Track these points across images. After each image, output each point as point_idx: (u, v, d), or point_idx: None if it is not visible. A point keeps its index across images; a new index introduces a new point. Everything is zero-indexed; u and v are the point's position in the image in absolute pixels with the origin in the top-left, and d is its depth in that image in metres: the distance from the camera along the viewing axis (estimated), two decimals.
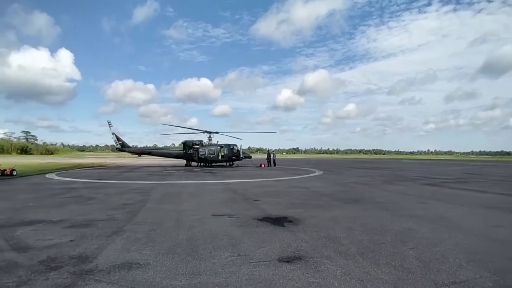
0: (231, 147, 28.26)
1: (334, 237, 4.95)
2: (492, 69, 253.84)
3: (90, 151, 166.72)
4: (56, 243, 4.58)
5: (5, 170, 16.74)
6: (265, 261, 3.84)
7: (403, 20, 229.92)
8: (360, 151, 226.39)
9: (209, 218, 6.40)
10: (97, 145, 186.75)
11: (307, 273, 3.44)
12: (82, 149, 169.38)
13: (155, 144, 33.25)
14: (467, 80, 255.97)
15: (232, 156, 28.26)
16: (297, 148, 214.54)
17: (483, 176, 19.67)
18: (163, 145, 37.87)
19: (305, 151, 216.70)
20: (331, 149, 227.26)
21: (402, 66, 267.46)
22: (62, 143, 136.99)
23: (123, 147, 29.44)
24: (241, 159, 29.25)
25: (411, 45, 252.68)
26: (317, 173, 21.35)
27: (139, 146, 31.32)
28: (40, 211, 7.08)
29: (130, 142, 30.25)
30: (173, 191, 11.00)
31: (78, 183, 13.45)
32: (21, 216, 6.49)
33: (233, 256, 4.02)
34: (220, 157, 28.01)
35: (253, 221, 6.12)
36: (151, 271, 3.49)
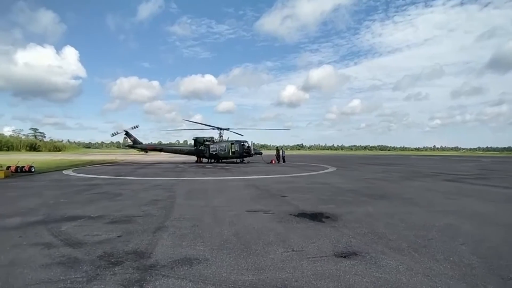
0: (242, 143, 28.29)
1: (379, 233, 4.93)
2: (499, 64, 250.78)
3: (96, 148, 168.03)
4: (105, 238, 4.63)
5: (24, 166, 16.96)
6: (322, 256, 3.84)
7: (409, 15, 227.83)
8: (365, 148, 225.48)
9: (245, 214, 6.42)
10: (102, 142, 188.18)
11: (370, 269, 3.44)
12: (88, 146, 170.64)
13: (160, 141, 33.55)
14: (474, 75, 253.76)
15: (243, 153, 28.30)
16: (302, 144, 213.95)
17: (500, 172, 19.47)
18: (168, 142, 38.23)
19: (310, 147, 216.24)
20: (335, 145, 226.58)
21: (408, 61, 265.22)
22: (68, 140, 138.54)
23: (135, 143, 29.61)
24: (251, 156, 29.31)
25: (417, 40, 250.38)
26: (331, 169, 21.28)
27: (144, 143, 31.25)
28: (75, 207, 7.15)
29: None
30: (196, 187, 11.04)
31: (99, 180, 13.56)
32: (59, 212, 6.56)
33: (288, 251, 4.03)
34: (231, 154, 28.02)
35: (290, 217, 6.13)
36: (213, 266, 3.51)
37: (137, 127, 29.83)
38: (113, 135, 29.71)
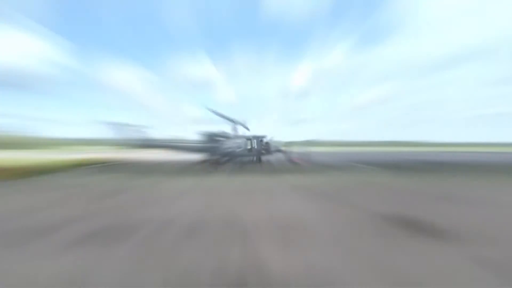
0: (260, 139, 25.24)
1: None
2: None
3: (76, 144, 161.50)
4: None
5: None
6: None
7: None
8: (385, 143, 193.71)
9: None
10: (81, 138, 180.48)
11: None
12: (73, 143, 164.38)
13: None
14: None
15: (261, 150, 25.16)
16: (313, 139, 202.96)
17: None
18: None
19: (323, 143, 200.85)
20: (352, 141, 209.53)
21: (435, 46, 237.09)
22: (54, 136, 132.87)
23: (132, 139, 24.63)
24: (271, 153, 25.63)
25: (447, 22, 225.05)
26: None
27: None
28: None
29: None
30: (248, 188, 10.54)
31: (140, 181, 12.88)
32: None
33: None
34: (247, 151, 25.13)
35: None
36: None
37: (120, 123, 25.11)
38: (105, 124, 24.75)
